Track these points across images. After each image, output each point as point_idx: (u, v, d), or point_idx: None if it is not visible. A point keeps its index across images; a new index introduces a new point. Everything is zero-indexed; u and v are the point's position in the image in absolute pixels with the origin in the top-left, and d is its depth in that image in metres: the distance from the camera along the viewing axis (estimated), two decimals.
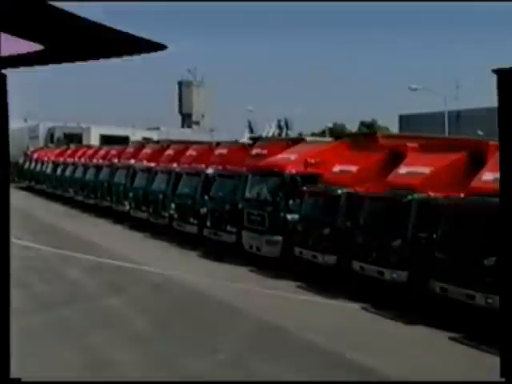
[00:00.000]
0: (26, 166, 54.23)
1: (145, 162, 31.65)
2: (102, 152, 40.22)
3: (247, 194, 21.03)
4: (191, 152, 28.51)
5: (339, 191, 17.34)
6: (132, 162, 33.09)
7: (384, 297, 15.03)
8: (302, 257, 18.19)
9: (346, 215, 17.14)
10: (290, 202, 19.44)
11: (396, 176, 16.25)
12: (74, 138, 65.90)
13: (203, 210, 23.99)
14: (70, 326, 12.76)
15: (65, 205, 39.57)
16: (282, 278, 18.08)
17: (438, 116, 57.17)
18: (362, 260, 15.79)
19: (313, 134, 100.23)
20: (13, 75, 2.96)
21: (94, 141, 66.38)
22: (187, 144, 30.67)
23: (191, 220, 24.42)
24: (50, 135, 73.05)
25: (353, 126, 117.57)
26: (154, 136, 76.15)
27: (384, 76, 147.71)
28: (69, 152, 46.78)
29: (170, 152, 30.56)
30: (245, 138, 70.53)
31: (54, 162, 46.21)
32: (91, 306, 14.50)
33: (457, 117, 58.13)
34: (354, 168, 17.94)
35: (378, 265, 15.25)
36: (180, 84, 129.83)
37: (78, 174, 39.80)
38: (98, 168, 36.58)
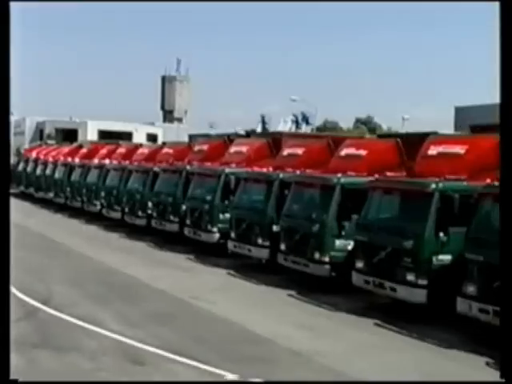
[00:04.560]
0: (20, 167, 41.37)
1: (242, 166, 19.53)
2: (142, 152, 27.84)
3: None
4: (352, 150, 16.45)
5: None
6: (217, 165, 20.93)
7: None
8: None
9: None
10: None
11: None
12: (68, 134, 53.41)
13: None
14: None
15: (91, 223, 27.11)
16: None
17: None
18: None
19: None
20: None
21: (91, 137, 54.70)
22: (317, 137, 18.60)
23: (402, 278, 12.46)
24: (40, 131, 60.27)
25: (347, 123, 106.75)
26: (159, 132, 64.35)
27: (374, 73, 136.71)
28: (84, 151, 34.20)
29: (295, 151, 18.41)
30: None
31: (65, 164, 33.55)
32: None
33: None
34: None
35: None
36: (163, 79, 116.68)
37: (112, 181, 27.38)
38: (149, 174, 24.24)
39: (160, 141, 55.32)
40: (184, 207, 21.37)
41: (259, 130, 67.89)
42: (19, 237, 22.83)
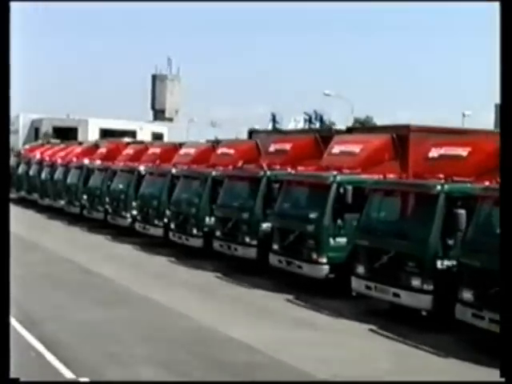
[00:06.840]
0: (21, 170, 35.15)
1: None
2: (187, 152, 21.79)
3: None
4: None
5: None
6: (314, 169, 15.11)
7: None
8: None
9: None
10: None
11: None
12: (66, 133, 47.46)
13: None
14: None
15: (122, 240, 21.24)
16: None
17: None
18: None
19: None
20: None
21: (92, 135, 48.91)
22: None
23: None
24: (35, 129, 54.23)
25: (345, 124, 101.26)
26: (164, 130, 58.80)
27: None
28: (103, 151, 28.13)
29: (453, 151, 12.55)
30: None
31: (80, 167, 27.46)
32: None
33: None
34: None
35: None
36: (154, 78, 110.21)
37: (148, 188, 21.44)
38: (206, 181, 18.34)
39: (166, 139, 49.56)
40: (265, 226, 15.66)
41: (270, 128, 62.33)
42: (42, 263, 16.90)
